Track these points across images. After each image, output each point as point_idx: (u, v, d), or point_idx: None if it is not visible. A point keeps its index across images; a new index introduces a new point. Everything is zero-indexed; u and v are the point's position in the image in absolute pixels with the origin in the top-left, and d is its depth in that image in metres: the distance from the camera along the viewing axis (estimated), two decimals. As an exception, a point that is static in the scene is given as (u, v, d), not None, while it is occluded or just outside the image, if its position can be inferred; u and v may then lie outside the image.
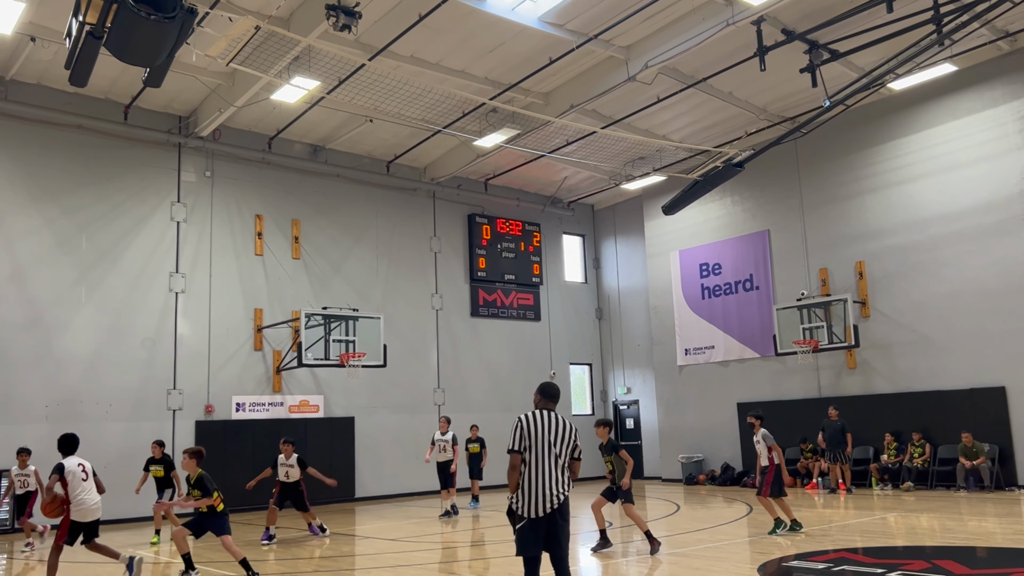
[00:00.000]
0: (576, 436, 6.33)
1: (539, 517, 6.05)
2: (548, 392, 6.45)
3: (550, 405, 6.39)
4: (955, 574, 8.01)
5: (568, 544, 6.30)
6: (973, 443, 16.29)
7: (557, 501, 6.11)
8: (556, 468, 6.13)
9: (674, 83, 17.46)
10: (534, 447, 6.13)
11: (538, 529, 6.08)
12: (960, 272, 17.25)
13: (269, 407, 18.83)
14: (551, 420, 6.24)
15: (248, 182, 19.43)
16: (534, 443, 6.13)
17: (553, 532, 6.11)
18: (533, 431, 6.15)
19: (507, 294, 23.88)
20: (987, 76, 17.13)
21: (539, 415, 6.25)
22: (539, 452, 6.12)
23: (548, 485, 6.08)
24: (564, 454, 6.20)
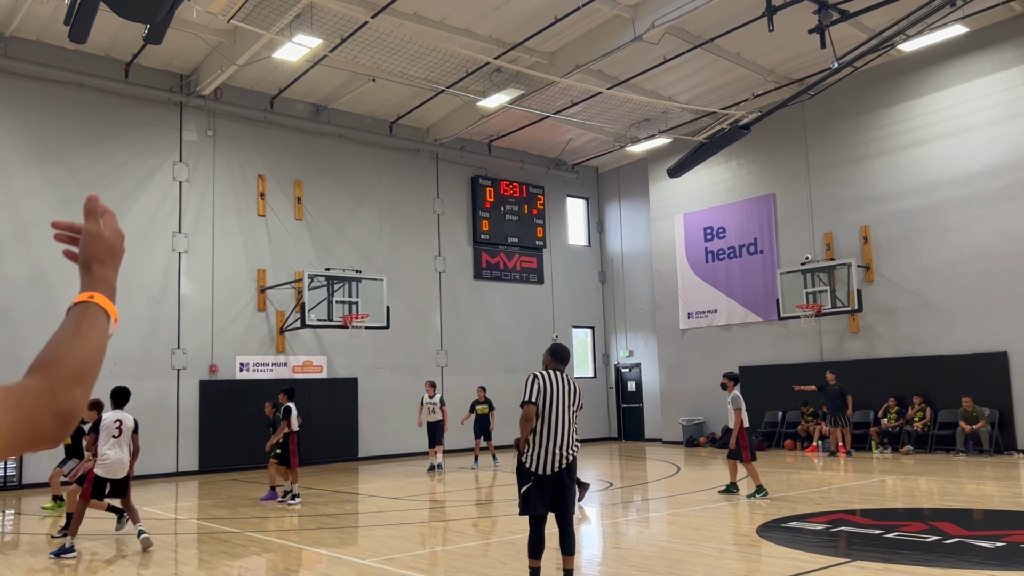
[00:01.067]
0: (580, 394, 6.44)
1: (547, 475, 6.13)
2: (559, 354, 6.50)
3: (560, 367, 6.46)
4: (951, 535, 8.08)
5: (574, 504, 6.38)
6: (974, 407, 16.35)
7: (566, 461, 6.20)
8: (567, 428, 6.22)
9: (681, 43, 17.22)
10: (547, 405, 6.19)
11: (545, 489, 6.16)
12: (966, 237, 17.16)
13: (273, 367, 18.92)
14: (562, 381, 6.32)
15: (250, 142, 19.31)
16: (548, 401, 6.19)
17: (560, 492, 6.20)
18: (548, 389, 6.21)
19: (510, 257, 23.84)
20: (998, 38, 16.88)
21: (552, 375, 6.31)
22: (551, 411, 6.19)
23: (559, 444, 6.17)
24: (574, 415, 6.30)
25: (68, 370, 1.16)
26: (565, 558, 6.27)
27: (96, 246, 1.36)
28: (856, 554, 7.57)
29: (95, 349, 1.21)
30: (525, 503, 6.20)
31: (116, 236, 1.39)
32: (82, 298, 1.28)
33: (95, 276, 1.34)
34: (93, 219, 1.38)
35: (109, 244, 1.37)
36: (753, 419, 20.62)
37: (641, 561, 7.63)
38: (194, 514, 11.98)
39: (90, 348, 1.21)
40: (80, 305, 1.26)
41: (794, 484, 13.01)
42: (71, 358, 1.18)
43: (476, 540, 9.27)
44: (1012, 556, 7.14)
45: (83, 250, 1.37)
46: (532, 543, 6.21)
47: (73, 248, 1.39)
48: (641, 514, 10.96)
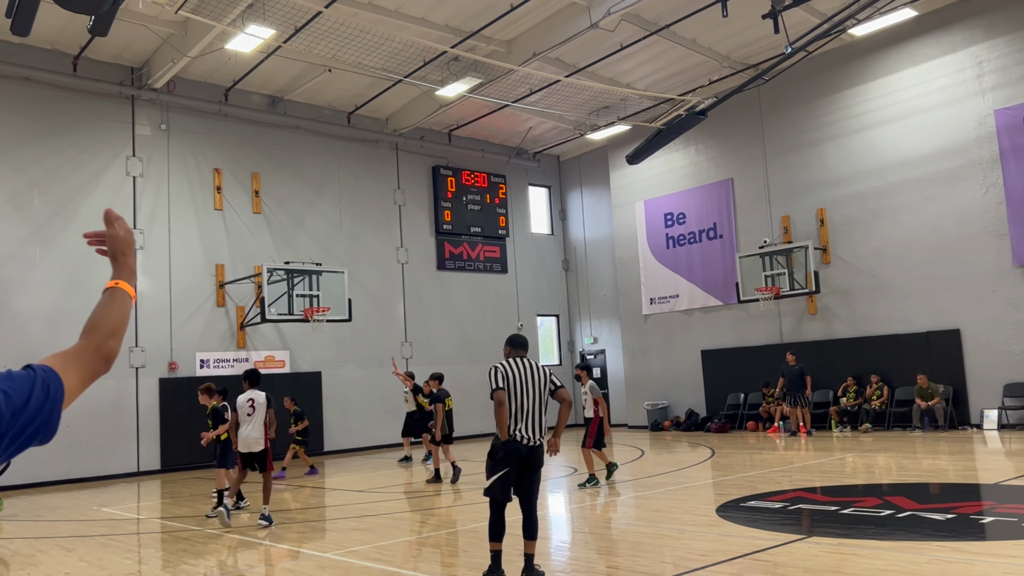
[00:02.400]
0: (549, 373, 6.53)
1: (518, 464, 6.28)
2: (516, 341, 6.65)
3: (520, 353, 6.59)
4: (904, 508, 8.26)
5: (538, 489, 6.45)
6: (928, 384, 16.72)
7: (534, 443, 6.34)
8: (534, 412, 6.35)
9: (637, 30, 17.28)
10: (514, 390, 6.33)
11: (511, 473, 6.29)
12: (918, 218, 17.49)
13: (234, 363, 18.71)
14: (525, 366, 6.45)
15: (205, 135, 19.02)
16: (514, 386, 6.33)
17: (525, 476, 6.34)
18: (511, 375, 6.36)
19: (473, 247, 23.81)
20: (946, 21, 17.18)
21: (513, 363, 6.45)
22: (517, 397, 6.33)
23: (528, 427, 6.32)
24: (542, 396, 6.41)
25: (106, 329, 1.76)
26: (527, 542, 6.38)
27: (116, 244, 1.89)
28: (812, 530, 7.71)
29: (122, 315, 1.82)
30: (495, 488, 6.31)
31: (128, 234, 1.92)
32: (110, 284, 1.85)
33: (120, 265, 1.88)
34: (111, 225, 1.91)
35: (125, 241, 1.90)
36: (715, 400, 20.97)
37: (604, 545, 7.70)
38: (156, 513, 11.83)
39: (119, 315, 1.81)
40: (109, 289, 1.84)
41: (756, 464, 13.21)
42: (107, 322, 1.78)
43: (440, 530, 9.28)
44: (960, 527, 7.33)
45: (109, 248, 1.91)
46: (493, 526, 6.34)
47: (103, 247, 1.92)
48: (606, 498, 11.05)
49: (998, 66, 16.46)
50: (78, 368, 1.68)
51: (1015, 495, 9.07)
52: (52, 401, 1.60)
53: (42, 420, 1.59)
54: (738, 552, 6.76)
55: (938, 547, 6.56)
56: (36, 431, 1.59)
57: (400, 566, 7.18)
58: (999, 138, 16.32)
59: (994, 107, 16.44)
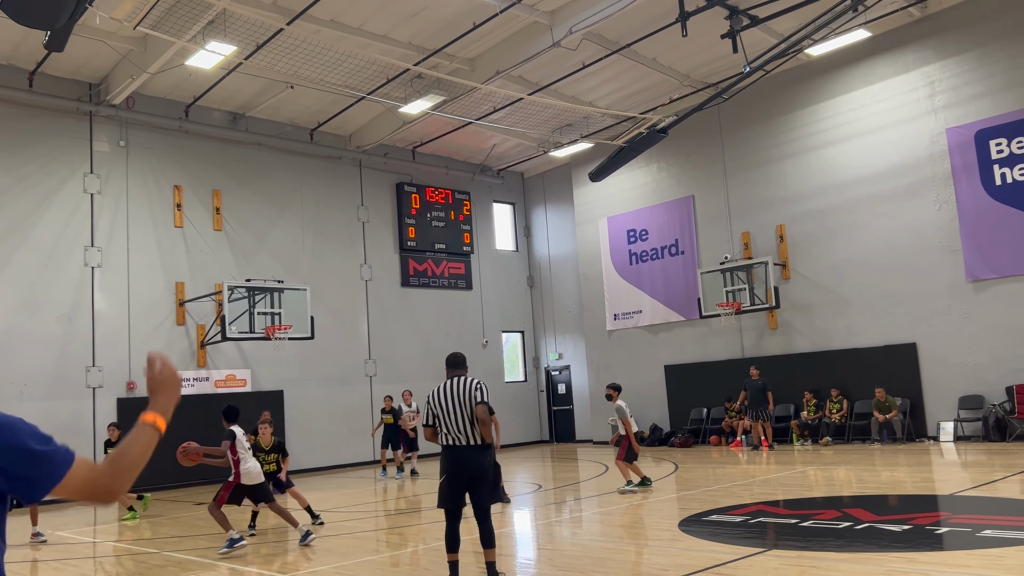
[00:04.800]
0: (475, 388, 6.60)
1: (457, 476, 6.57)
2: (451, 361, 6.94)
3: (457, 372, 6.86)
4: (863, 520, 8.38)
5: (490, 494, 6.54)
6: (886, 398, 17.00)
7: (472, 462, 6.55)
8: (461, 427, 6.57)
9: (599, 49, 17.48)
10: (445, 414, 6.61)
11: (456, 487, 6.57)
12: (874, 234, 17.85)
13: (194, 382, 18.43)
14: (455, 385, 6.68)
15: (165, 152, 18.81)
16: (444, 411, 6.61)
17: (473, 485, 6.56)
18: (440, 400, 6.65)
19: (438, 263, 23.77)
20: (899, 42, 17.63)
21: (445, 385, 6.73)
22: (450, 416, 6.59)
23: (457, 442, 6.56)
24: (471, 412, 6.57)
25: (125, 466, 1.94)
26: (486, 551, 6.59)
27: (152, 384, 2.10)
28: (773, 543, 7.78)
29: (142, 452, 1.99)
30: (439, 497, 6.69)
31: (166, 374, 2.11)
32: (143, 418, 2.04)
33: (155, 402, 2.08)
34: (151, 367, 2.11)
35: (159, 380, 2.10)
36: (678, 415, 21.12)
37: (566, 561, 7.69)
38: (112, 536, 11.57)
39: (139, 452, 1.98)
40: (140, 423, 2.03)
41: (718, 478, 13.31)
42: (127, 459, 1.96)
43: (404, 548, 9.21)
44: (916, 538, 7.44)
45: (148, 385, 2.11)
46: (448, 537, 6.65)
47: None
48: (570, 514, 11.05)
49: (949, 86, 16.91)
50: (89, 481, 1.89)
51: (970, 506, 9.24)
52: (51, 468, 1.82)
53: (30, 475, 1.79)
54: (700, 566, 6.80)
55: (895, 558, 6.65)
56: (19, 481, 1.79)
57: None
58: (951, 156, 16.75)
59: (946, 126, 16.87)
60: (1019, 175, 15.88)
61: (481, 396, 6.60)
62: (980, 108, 16.47)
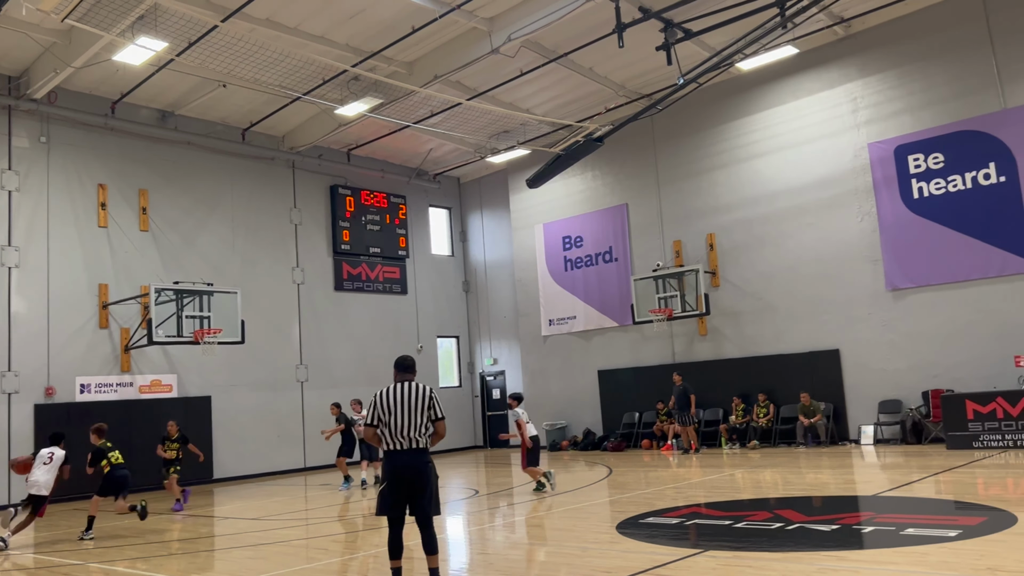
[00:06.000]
0: (431, 399, 6.60)
1: (401, 481, 6.44)
2: (401, 365, 6.80)
3: (406, 377, 6.74)
4: (793, 521, 8.64)
5: (433, 506, 6.48)
6: (811, 402, 17.55)
7: (417, 466, 6.47)
8: (412, 432, 6.48)
9: (537, 57, 17.62)
10: (392, 417, 6.48)
11: (399, 492, 6.45)
12: (800, 243, 18.44)
13: (118, 388, 17.83)
14: (406, 390, 6.58)
15: (89, 149, 18.17)
16: (391, 414, 6.48)
17: (415, 493, 6.47)
18: (387, 403, 6.51)
19: (372, 267, 23.55)
20: (825, 59, 18.28)
21: (394, 388, 6.61)
22: (398, 421, 6.47)
23: (403, 447, 6.46)
24: (420, 418, 6.51)
25: None
26: (429, 557, 6.53)
27: None
28: (709, 544, 7.96)
29: None
30: (381, 503, 6.54)
31: None
32: None
33: None
34: None
35: None
36: (611, 420, 21.40)
37: (507, 566, 7.71)
38: (29, 548, 11.09)
39: None
40: None
41: (651, 482, 13.52)
42: None
43: (340, 556, 9.08)
44: (845, 537, 7.72)
45: None
46: (391, 544, 6.53)
47: None
48: (507, 519, 11.07)
49: (871, 102, 17.61)
50: None
51: (891, 505, 9.62)
52: None
53: None
54: (639, 568, 6.90)
55: (825, 556, 6.88)
56: None
57: (299, 595, 6.99)
58: (872, 170, 17.43)
59: (867, 140, 17.55)
60: (935, 189, 16.62)
61: (440, 411, 6.60)
62: (900, 124, 17.20)
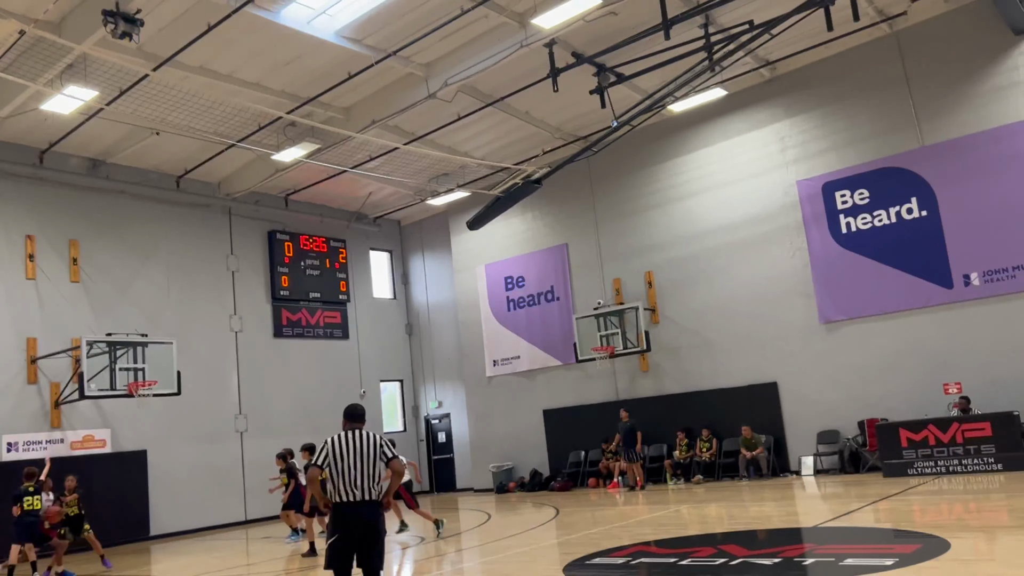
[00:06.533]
0: (381, 443, 6.53)
1: (350, 535, 6.28)
2: (351, 413, 6.70)
3: (356, 425, 6.65)
4: (737, 556, 8.73)
5: (381, 558, 6.38)
6: (752, 435, 17.82)
7: (368, 520, 6.33)
8: (366, 483, 6.34)
9: (473, 101, 17.83)
10: (344, 464, 6.34)
11: (348, 546, 6.29)
12: (735, 279, 18.86)
13: (47, 445, 17.15)
14: (357, 438, 6.48)
15: (16, 199, 17.67)
16: (343, 461, 6.34)
17: (364, 546, 6.32)
18: (339, 450, 6.38)
19: (312, 313, 23.28)
20: (752, 100, 18.91)
21: (345, 435, 6.49)
22: (350, 470, 6.33)
23: (355, 498, 6.30)
24: (372, 467, 6.40)
25: None
26: None
27: None
28: (654, 584, 7.97)
29: None
30: (329, 557, 6.33)
31: None
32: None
33: None
34: None
35: None
36: (557, 459, 21.38)
37: (452, 615, 7.60)
38: (-50, 620, 10.53)
39: None
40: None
41: (598, 521, 13.52)
42: None
43: (281, 613, 8.84)
44: (787, 570, 7.82)
45: None
46: None
47: None
48: (453, 566, 10.93)
49: (798, 141, 18.24)
50: None
51: (831, 536, 9.79)
52: None
53: None
54: (585, 612, 6.87)
55: (767, 591, 6.95)
56: None
57: (238, 657, 6.77)
58: (802, 206, 17.99)
59: (796, 178, 18.14)
60: (862, 224, 17.22)
61: (391, 451, 6.51)
62: (826, 162, 17.83)
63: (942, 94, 16.54)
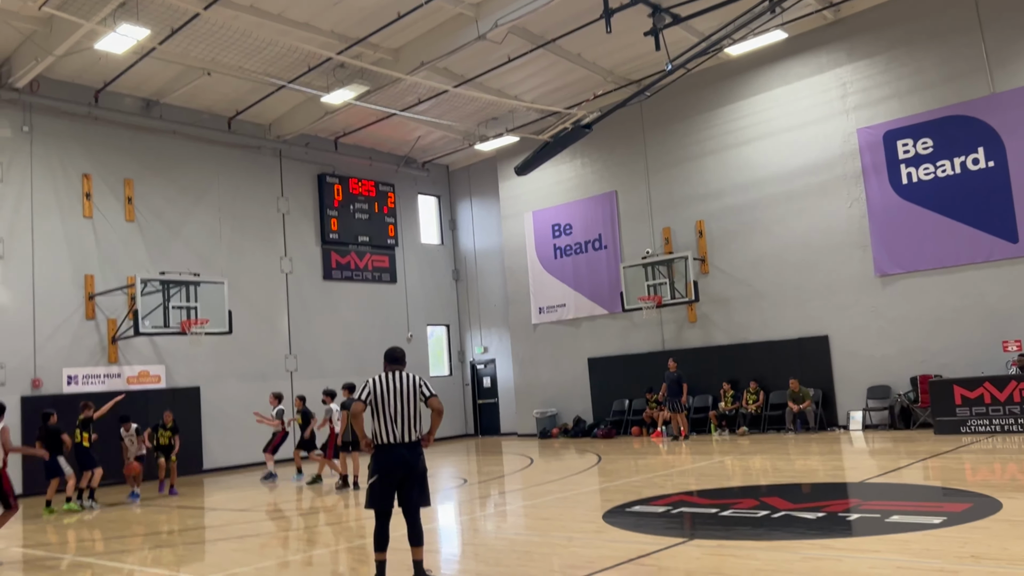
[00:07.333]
0: (420, 383, 6.57)
1: (392, 474, 6.35)
2: (391, 355, 6.72)
3: (396, 367, 6.66)
4: (779, 509, 8.64)
5: (421, 497, 6.44)
6: (800, 388, 17.57)
7: (408, 460, 6.39)
8: (404, 423, 6.41)
9: (524, 43, 17.49)
10: (383, 406, 6.40)
11: (389, 485, 6.38)
12: (789, 230, 18.41)
13: (105, 379, 17.73)
14: (397, 380, 6.51)
15: (73, 138, 17.99)
16: (383, 402, 6.40)
17: (405, 486, 6.41)
18: (380, 390, 6.44)
19: (361, 256, 23.45)
20: (814, 44, 18.19)
21: (386, 376, 6.52)
22: (389, 410, 6.39)
23: (397, 439, 6.38)
24: (412, 408, 6.46)
25: None
26: (414, 549, 6.47)
27: None
28: (694, 533, 7.95)
29: None
30: (370, 497, 6.42)
31: None
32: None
33: None
34: None
35: None
36: (601, 407, 21.41)
37: (492, 556, 7.69)
38: (17, 541, 11.03)
39: None
40: None
41: (640, 469, 13.53)
42: None
43: (325, 547, 9.05)
44: (830, 525, 7.71)
45: None
46: (377, 536, 6.40)
47: None
48: (495, 508, 11.06)
49: (860, 87, 17.54)
50: None
51: (878, 492, 9.64)
52: None
53: None
54: (624, 557, 6.88)
55: (809, 545, 6.87)
56: None
57: (283, 587, 6.95)
58: (861, 155, 17.39)
59: (857, 126, 17.50)
60: (924, 174, 16.60)
61: (430, 390, 6.55)
62: (889, 109, 17.15)
63: (1017, 39, 15.70)
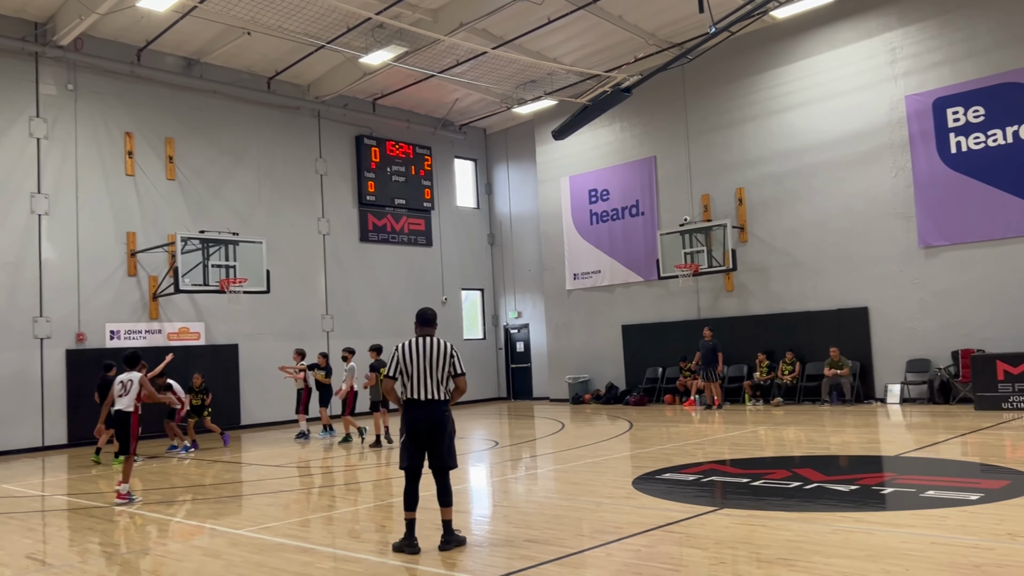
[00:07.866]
0: (451, 355, 6.63)
1: (418, 429, 6.48)
2: (423, 317, 6.78)
3: (427, 331, 6.74)
4: (811, 480, 8.58)
5: (450, 457, 6.51)
6: (840, 357, 17.34)
7: (435, 416, 6.50)
8: (431, 385, 6.52)
9: (565, 4, 17.21)
10: (413, 370, 6.52)
11: (417, 443, 6.50)
12: (831, 199, 18.04)
13: (146, 334, 18.10)
14: (427, 344, 6.60)
15: (116, 97, 18.18)
16: (412, 367, 6.52)
17: (433, 445, 6.51)
18: (409, 356, 6.54)
19: (397, 219, 23.52)
20: (863, 7, 17.65)
21: (415, 341, 6.63)
22: (418, 374, 6.51)
23: (424, 400, 6.49)
24: (442, 372, 6.56)
25: None
26: (443, 509, 6.56)
27: None
28: (724, 502, 7.93)
29: None
30: (401, 455, 6.59)
31: None
32: None
33: None
34: None
35: None
36: (634, 374, 21.37)
37: (521, 518, 7.76)
38: (62, 489, 11.39)
39: None
40: None
41: (672, 437, 13.51)
42: None
43: (358, 505, 9.20)
44: (863, 498, 7.64)
45: None
46: (407, 495, 6.53)
47: None
48: (525, 471, 11.14)
49: (910, 53, 17.02)
50: None
51: (913, 466, 9.51)
52: None
53: None
54: (652, 524, 6.89)
55: (841, 517, 6.82)
56: None
57: (316, 542, 7.09)
58: (909, 123, 16.92)
59: (905, 93, 17.02)
60: (974, 144, 16.12)
61: (460, 367, 6.62)
62: (939, 76, 16.63)
63: (1079, 2, 15.08)
